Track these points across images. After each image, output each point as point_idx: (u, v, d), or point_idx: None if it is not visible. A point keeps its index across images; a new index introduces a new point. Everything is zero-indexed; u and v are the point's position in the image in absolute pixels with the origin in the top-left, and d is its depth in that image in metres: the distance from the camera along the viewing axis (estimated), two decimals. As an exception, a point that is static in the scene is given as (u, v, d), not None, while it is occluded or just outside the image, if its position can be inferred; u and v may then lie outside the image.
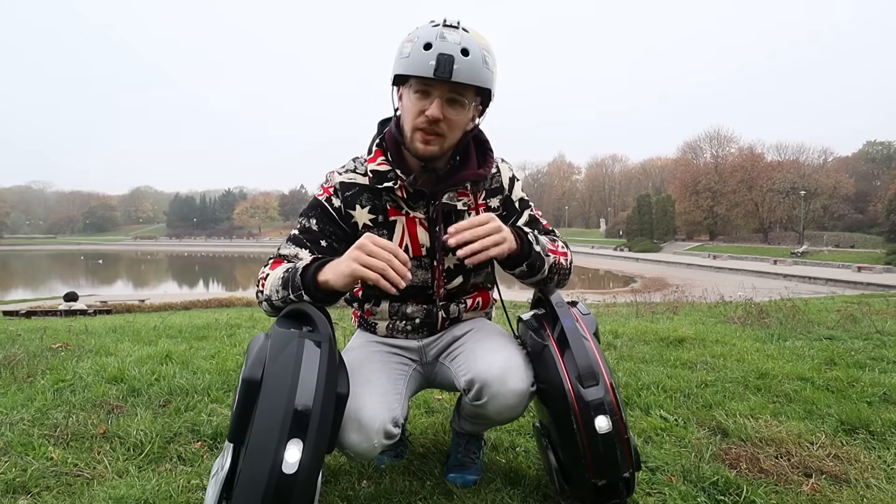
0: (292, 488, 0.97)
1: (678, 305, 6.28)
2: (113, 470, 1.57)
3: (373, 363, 1.39)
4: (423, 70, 1.19)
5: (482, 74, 1.22)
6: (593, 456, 1.14)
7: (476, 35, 1.24)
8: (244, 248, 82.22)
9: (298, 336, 1.10)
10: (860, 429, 1.89)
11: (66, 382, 2.35)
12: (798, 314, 4.31)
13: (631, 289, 23.38)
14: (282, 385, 1.02)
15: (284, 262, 1.32)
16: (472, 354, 1.38)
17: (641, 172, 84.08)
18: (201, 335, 3.85)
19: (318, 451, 1.02)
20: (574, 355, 1.17)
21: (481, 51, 1.22)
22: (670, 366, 2.77)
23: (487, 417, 1.38)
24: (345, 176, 1.39)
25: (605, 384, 1.15)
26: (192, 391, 2.26)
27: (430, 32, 1.21)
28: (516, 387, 1.28)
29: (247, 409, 1.04)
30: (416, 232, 1.38)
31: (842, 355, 2.90)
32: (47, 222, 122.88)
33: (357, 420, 1.23)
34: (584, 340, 1.19)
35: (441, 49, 1.18)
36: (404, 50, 1.23)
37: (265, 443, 0.98)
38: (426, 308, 1.47)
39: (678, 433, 1.88)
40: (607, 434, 1.13)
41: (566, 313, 1.23)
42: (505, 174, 1.46)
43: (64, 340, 3.41)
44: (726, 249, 44.89)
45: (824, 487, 1.49)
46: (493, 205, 1.45)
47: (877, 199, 49.14)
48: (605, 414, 1.13)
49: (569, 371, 1.17)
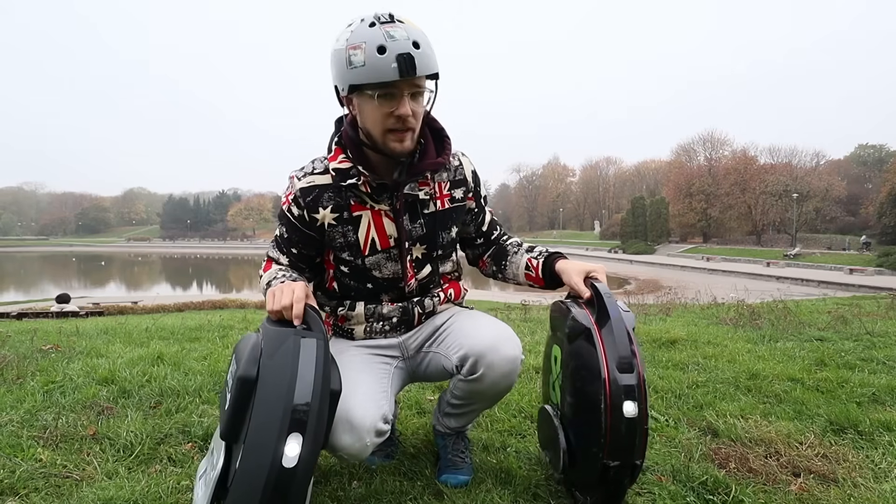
0: (292, 482, 0.99)
1: (671, 307, 6.28)
2: (102, 471, 1.56)
3: (355, 365, 1.40)
4: (386, 75, 1.21)
5: (433, 61, 1.25)
6: (613, 437, 1.19)
7: (411, 23, 1.25)
8: (238, 249, 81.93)
9: (294, 333, 1.12)
10: (849, 429, 1.91)
11: (55, 384, 2.33)
12: (789, 316, 4.33)
13: (624, 290, 23.45)
14: (280, 381, 1.03)
15: (273, 264, 1.43)
16: (460, 332, 1.43)
17: (636, 175, 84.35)
18: (194, 336, 3.83)
19: (316, 445, 1.04)
20: (616, 343, 1.22)
21: (424, 37, 1.24)
22: (662, 367, 2.78)
23: (481, 393, 1.42)
24: (304, 181, 1.40)
25: (638, 374, 1.20)
26: (184, 392, 2.25)
27: (374, 35, 1.20)
28: (509, 353, 1.34)
29: (242, 407, 1.05)
30: (382, 224, 1.40)
31: (832, 356, 2.92)
32: (39, 224, 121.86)
33: (348, 421, 1.24)
34: (627, 333, 1.24)
35: (396, 49, 1.19)
36: (353, 58, 1.22)
37: (265, 438, 0.99)
38: (402, 306, 1.49)
39: (669, 433, 1.89)
40: (632, 419, 1.18)
41: (614, 305, 1.28)
42: (467, 168, 1.50)
43: (55, 342, 3.38)
44: (720, 251, 45.11)
45: (812, 487, 1.50)
46: (457, 195, 1.49)
47: (868, 201, 49.59)
48: (634, 400, 1.18)
49: (608, 356, 1.22)
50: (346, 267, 1.46)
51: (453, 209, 1.48)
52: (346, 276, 1.47)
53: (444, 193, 1.46)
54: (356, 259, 1.43)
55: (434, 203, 1.44)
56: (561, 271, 1.45)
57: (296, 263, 1.44)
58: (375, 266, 1.44)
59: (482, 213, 1.58)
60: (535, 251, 1.55)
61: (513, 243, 1.61)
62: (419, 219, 1.43)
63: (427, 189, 1.42)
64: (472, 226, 1.58)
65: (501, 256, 1.60)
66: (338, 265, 1.47)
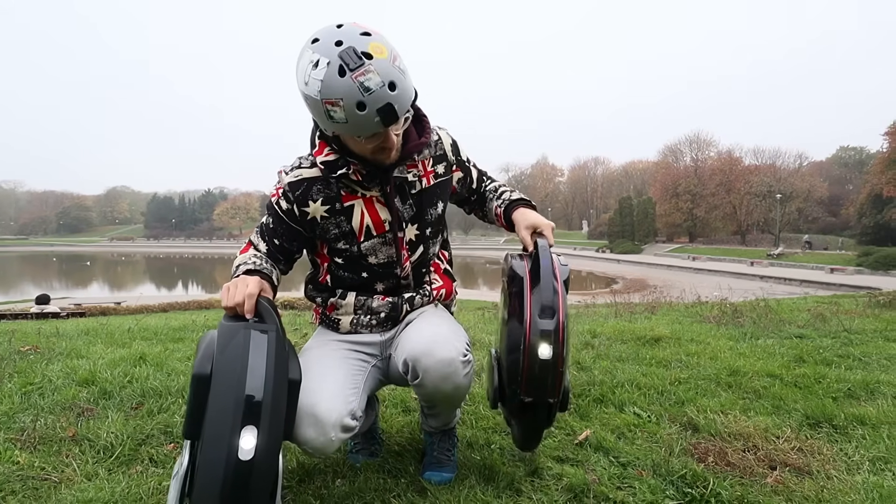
0: (250, 474, 0.99)
1: (656, 305, 6.35)
2: (82, 473, 1.55)
3: (330, 360, 1.41)
4: (370, 129, 1.21)
5: (410, 88, 1.23)
6: (528, 377, 1.27)
7: (378, 52, 1.14)
8: (224, 249, 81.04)
9: (244, 327, 1.13)
10: (824, 423, 1.95)
11: (34, 385, 2.30)
12: (771, 314, 4.41)
13: (611, 290, 23.61)
14: (231, 375, 1.04)
15: (251, 249, 1.43)
16: (405, 335, 1.44)
17: (623, 175, 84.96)
18: (177, 337, 3.79)
19: (274, 436, 1.04)
20: (541, 290, 1.28)
21: (395, 67, 1.16)
22: (646, 364, 2.82)
23: (430, 396, 1.41)
24: (291, 175, 1.41)
25: (557, 320, 1.26)
26: (166, 393, 2.23)
27: (348, 89, 1.11)
28: (444, 356, 1.33)
29: (199, 404, 1.05)
30: (375, 210, 1.42)
31: (810, 353, 2.97)
32: (18, 223, 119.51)
33: (313, 415, 1.25)
34: (554, 281, 1.30)
35: (376, 104, 1.14)
36: (334, 115, 1.16)
37: (219, 432, 1.00)
38: (391, 301, 1.49)
39: (651, 429, 1.91)
40: (545, 360, 1.25)
41: (546, 255, 1.34)
42: (446, 140, 1.53)
43: (34, 343, 3.32)
44: (705, 251, 45.60)
45: (787, 479, 1.54)
46: (440, 171, 1.51)
47: (849, 202, 50.49)
48: (549, 343, 1.25)
49: (532, 303, 1.29)
50: (340, 258, 1.46)
51: (437, 185, 1.50)
52: (340, 267, 1.48)
53: (428, 170, 1.48)
54: (352, 246, 1.43)
55: (420, 182, 1.46)
56: (514, 221, 1.52)
57: (273, 254, 1.43)
58: (371, 251, 1.44)
59: (469, 176, 1.62)
60: (502, 198, 1.61)
61: (490, 189, 1.67)
62: (409, 199, 1.45)
63: (415, 171, 1.45)
64: (465, 191, 1.64)
65: (482, 204, 1.68)
66: (333, 257, 1.47)
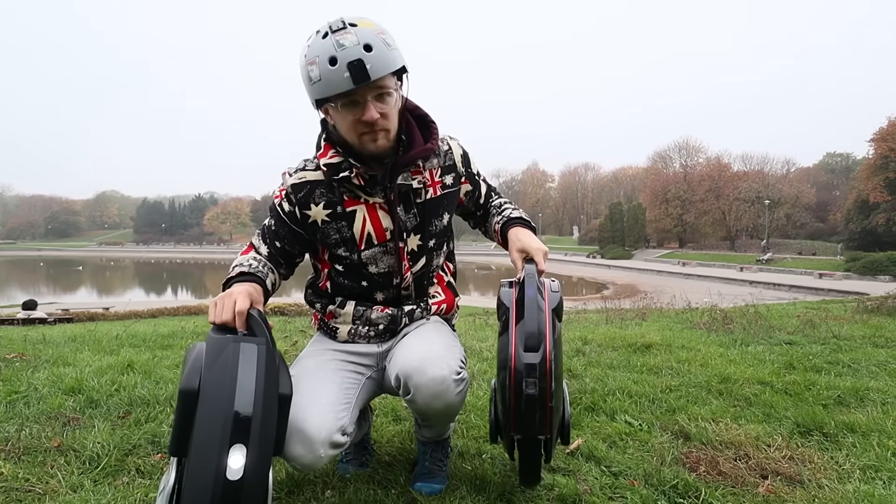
0: (239, 495, 0.96)
1: (647, 312, 6.38)
2: (67, 484, 1.52)
3: (324, 372, 1.39)
4: (341, 86, 1.21)
5: (391, 58, 1.24)
6: (516, 413, 1.24)
7: (365, 24, 1.23)
8: (215, 254, 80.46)
9: (233, 340, 1.08)
10: (815, 430, 1.96)
11: (19, 394, 2.26)
12: (760, 320, 4.43)
13: (602, 295, 23.70)
14: (220, 391, 1.01)
15: (252, 251, 1.42)
16: (398, 352, 1.42)
17: (613, 181, 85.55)
18: (166, 344, 3.75)
19: (263, 454, 1.01)
20: (525, 322, 1.24)
21: (379, 36, 1.23)
22: (637, 371, 2.82)
23: (422, 412, 1.40)
24: (295, 177, 1.41)
25: (543, 353, 1.22)
26: (154, 402, 2.20)
27: (325, 46, 1.20)
28: (436, 374, 1.30)
29: (187, 420, 1.02)
30: (377, 217, 1.40)
31: (800, 359, 2.99)
32: (6, 227, 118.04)
33: (301, 431, 1.23)
34: (540, 312, 1.26)
35: (347, 58, 1.19)
36: (311, 74, 1.23)
37: (207, 451, 0.97)
38: (391, 314, 1.47)
39: (642, 437, 1.91)
40: (531, 396, 1.21)
41: (532, 283, 1.30)
42: (456, 151, 1.50)
43: (19, 350, 3.27)
44: (695, 257, 45.96)
45: (779, 488, 1.54)
46: (448, 181, 1.48)
47: (836, 208, 51.15)
48: (534, 379, 1.21)
49: (517, 335, 1.25)
50: (341, 265, 1.44)
51: (444, 196, 1.48)
52: (340, 274, 1.46)
53: (436, 180, 1.45)
54: (352, 254, 1.42)
55: (426, 191, 1.44)
56: (508, 241, 1.49)
57: (275, 257, 1.42)
58: (371, 260, 1.43)
59: (478, 190, 1.60)
60: (502, 214, 1.58)
61: (494, 205, 1.65)
62: (412, 209, 1.43)
63: (420, 178, 1.42)
64: (471, 204, 1.62)
65: (486, 219, 1.66)
66: (333, 263, 1.46)
